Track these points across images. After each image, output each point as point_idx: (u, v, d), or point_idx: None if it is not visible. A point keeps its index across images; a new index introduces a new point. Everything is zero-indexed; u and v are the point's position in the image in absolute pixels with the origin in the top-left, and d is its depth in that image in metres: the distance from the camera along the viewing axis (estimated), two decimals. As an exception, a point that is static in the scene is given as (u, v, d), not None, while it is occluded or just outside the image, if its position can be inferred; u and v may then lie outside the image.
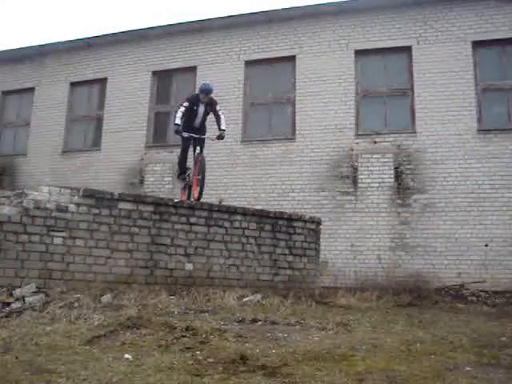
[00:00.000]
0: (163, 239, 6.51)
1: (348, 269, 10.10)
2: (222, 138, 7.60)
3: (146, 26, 12.82)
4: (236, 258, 6.99)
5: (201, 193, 7.21)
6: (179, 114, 7.26)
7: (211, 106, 7.47)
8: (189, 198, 7.63)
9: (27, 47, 13.95)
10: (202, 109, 7.43)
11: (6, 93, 14.45)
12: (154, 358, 3.48)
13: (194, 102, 7.40)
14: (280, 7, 11.71)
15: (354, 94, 10.99)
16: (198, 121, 7.50)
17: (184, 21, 12.46)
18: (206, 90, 7.37)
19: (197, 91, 7.74)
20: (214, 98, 7.63)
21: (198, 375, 3.10)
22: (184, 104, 7.34)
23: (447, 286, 9.39)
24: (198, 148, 7.50)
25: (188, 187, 7.78)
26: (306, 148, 11.04)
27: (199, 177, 7.25)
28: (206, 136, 7.64)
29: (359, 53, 11.12)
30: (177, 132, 7.35)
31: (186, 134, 7.37)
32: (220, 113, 7.51)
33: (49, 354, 3.47)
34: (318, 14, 11.43)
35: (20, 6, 39.90)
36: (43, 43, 13.84)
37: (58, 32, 37.54)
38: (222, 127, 7.46)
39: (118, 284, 6.00)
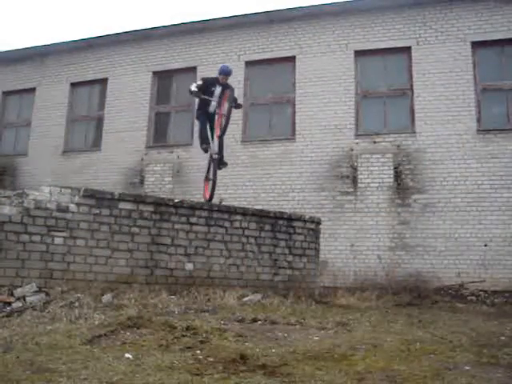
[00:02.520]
0: (163, 239, 6.52)
1: (348, 268, 10.11)
2: (240, 106, 7.62)
3: (147, 27, 12.84)
4: (236, 258, 7.00)
5: (212, 193, 7.32)
6: (194, 86, 7.16)
7: (231, 91, 7.28)
8: (212, 194, 7.36)
9: (28, 47, 13.97)
10: (218, 90, 7.25)
11: (7, 93, 14.47)
12: (155, 357, 3.48)
13: (210, 82, 7.29)
14: (280, 7, 11.74)
15: (353, 95, 11.00)
16: (214, 102, 7.27)
17: (184, 21, 12.49)
18: (226, 71, 7.28)
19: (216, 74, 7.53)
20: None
21: (198, 374, 3.11)
22: (198, 82, 7.30)
23: (447, 286, 9.41)
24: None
25: (215, 162, 7.36)
26: (305, 148, 11.06)
27: (224, 113, 7.16)
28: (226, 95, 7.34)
29: (359, 53, 11.14)
30: (196, 94, 7.13)
31: (204, 96, 7.16)
32: (238, 98, 7.60)
33: (49, 354, 3.47)
34: (318, 14, 11.44)
35: (20, 6, 39.92)
36: (44, 43, 13.86)
37: (58, 32, 37.61)
38: (238, 102, 7.52)
39: (118, 284, 6.02)
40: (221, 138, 7.26)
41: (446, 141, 10.19)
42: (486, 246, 9.54)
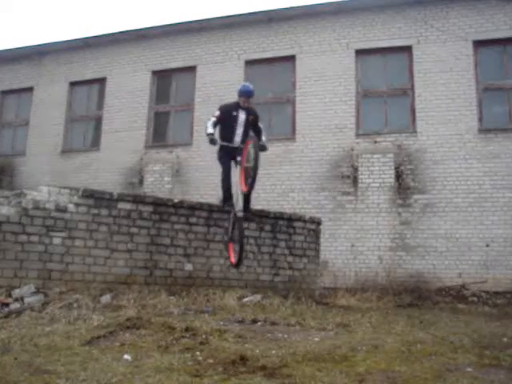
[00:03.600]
0: (163, 239, 6.49)
1: (348, 269, 10.07)
2: (265, 150, 6.07)
3: (146, 26, 12.81)
4: (236, 258, 6.96)
5: (252, 185, 5.50)
6: (210, 124, 5.91)
7: (254, 116, 6.12)
8: (239, 262, 5.85)
9: (26, 47, 13.94)
10: (243, 116, 6.01)
11: (5, 92, 14.43)
12: (154, 358, 3.46)
13: (230, 108, 6.06)
14: (280, 7, 11.71)
15: (354, 94, 10.97)
16: (239, 131, 5.99)
17: (184, 21, 12.46)
18: (247, 92, 6.03)
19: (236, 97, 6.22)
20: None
21: (197, 376, 3.08)
22: (215, 114, 5.98)
23: (448, 287, 9.37)
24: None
25: (241, 222, 5.84)
26: (306, 148, 11.02)
27: (249, 164, 5.53)
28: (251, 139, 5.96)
29: (360, 52, 11.11)
30: (212, 141, 5.83)
31: (224, 143, 5.97)
32: (261, 127, 6.23)
33: (48, 355, 3.45)
34: (318, 13, 11.41)
35: (20, 6, 39.90)
36: (42, 43, 13.84)
37: (57, 32, 37.60)
38: (264, 138, 6.18)
39: (117, 284, 5.99)
40: (248, 194, 5.80)
41: (447, 140, 10.16)
42: (487, 246, 9.50)
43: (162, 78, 12.83)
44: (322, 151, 10.88)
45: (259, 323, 5.04)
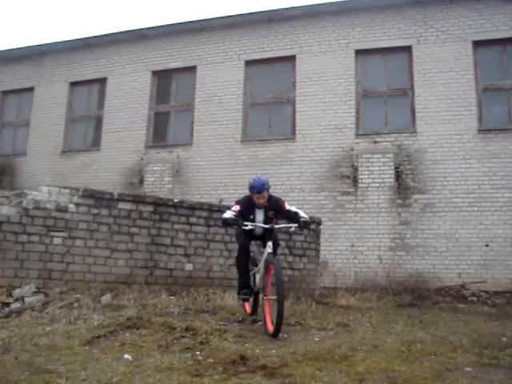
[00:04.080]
0: (163, 239, 6.50)
1: (348, 269, 10.08)
2: (308, 225, 5.33)
3: (146, 26, 12.81)
4: (236, 258, 6.98)
5: (279, 325, 4.39)
6: (227, 214, 4.97)
7: (277, 209, 5.12)
8: (254, 311, 5.38)
9: (26, 47, 13.95)
10: (260, 215, 5.09)
11: (6, 92, 14.44)
12: (154, 358, 3.46)
13: (246, 205, 5.07)
14: (280, 7, 11.71)
15: (354, 94, 10.97)
16: (258, 230, 5.11)
17: (184, 21, 12.47)
18: (258, 187, 4.97)
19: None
20: (274, 194, 5.39)
21: (197, 375, 3.08)
22: (233, 208, 5.03)
23: (448, 286, 9.38)
24: (270, 245, 4.88)
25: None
26: (306, 148, 11.03)
27: (274, 297, 4.61)
28: (281, 226, 5.23)
29: (359, 52, 11.11)
30: (229, 223, 4.96)
31: (248, 226, 4.92)
32: (293, 208, 5.18)
33: (48, 355, 3.45)
34: (318, 13, 11.42)
35: (20, 6, 39.90)
36: (42, 43, 13.84)
37: (57, 32, 37.60)
38: (302, 215, 5.04)
39: (117, 284, 6.00)
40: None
41: (446, 140, 10.17)
42: (487, 246, 9.51)
43: (162, 78, 12.84)
44: (321, 151, 10.88)
45: (259, 323, 5.04)
